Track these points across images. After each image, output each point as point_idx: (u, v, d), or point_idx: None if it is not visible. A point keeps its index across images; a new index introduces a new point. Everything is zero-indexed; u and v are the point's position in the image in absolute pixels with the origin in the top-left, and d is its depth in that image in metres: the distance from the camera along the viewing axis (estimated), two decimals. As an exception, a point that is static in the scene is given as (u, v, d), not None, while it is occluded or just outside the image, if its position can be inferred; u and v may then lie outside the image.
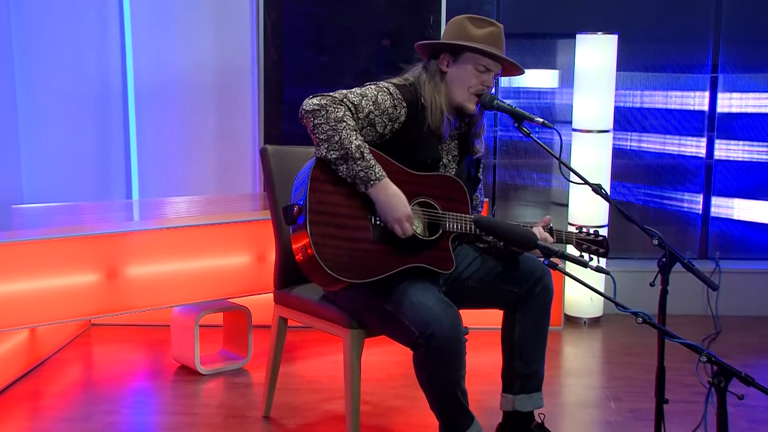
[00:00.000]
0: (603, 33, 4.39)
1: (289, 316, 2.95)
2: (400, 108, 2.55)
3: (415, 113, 2.57)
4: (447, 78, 2.63)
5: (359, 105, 2.47)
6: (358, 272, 2.44)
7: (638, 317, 2.02)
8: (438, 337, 2.35)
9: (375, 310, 2.54)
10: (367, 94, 2.51)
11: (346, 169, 2.42)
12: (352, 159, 2.40)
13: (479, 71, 2.61)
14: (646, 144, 5.03)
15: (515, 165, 5.09)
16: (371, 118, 2.50)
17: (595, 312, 4.58)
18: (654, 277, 2.28)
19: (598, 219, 4.49)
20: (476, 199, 2.84)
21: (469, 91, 2.62)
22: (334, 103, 2.43)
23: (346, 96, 2.47)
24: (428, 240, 2.55)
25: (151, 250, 3.53)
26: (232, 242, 3.72)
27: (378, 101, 2.51)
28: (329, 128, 2.40)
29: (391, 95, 2.54)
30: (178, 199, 4.47)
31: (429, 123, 2.59)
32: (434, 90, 2.61)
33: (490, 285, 2.71)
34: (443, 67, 2.63)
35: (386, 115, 2.52)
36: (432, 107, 2.59)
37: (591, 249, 2.74)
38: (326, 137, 2.41)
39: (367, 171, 2.42)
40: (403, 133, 2.56)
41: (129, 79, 4.73)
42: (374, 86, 2.56)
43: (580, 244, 2.74)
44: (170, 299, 3.59)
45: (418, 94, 2.60)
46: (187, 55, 4.76)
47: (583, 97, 4.47)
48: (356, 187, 2.45)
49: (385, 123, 2.53)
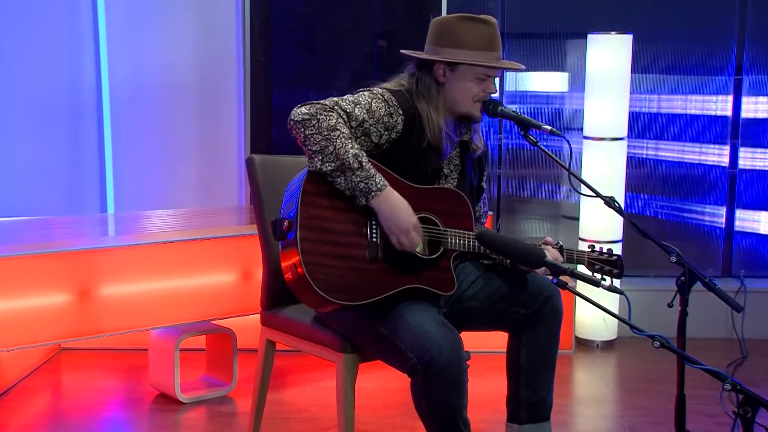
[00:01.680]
0: (616, 32, 4.40)
1: (277, 339, 2.94)
2: (396, 116, 2.55)
3: (412, 122, 2.57)
4: (446, 89, 2.63)
5: (352, 113, 2.47)
6: (352, 293, 2.43)
7: (655, 341, 2.02)
8: (437, 362, 2.35)
9: (370, 333, 2.53)
10: (360, 102, 2.51)
11: (344, 181, 2.42)
12: (350, 170, 2.40)
13: (480, 80, 2.62)
14: (664, 152, 5.04)
15: (521, 175, 5.09)
16: (365, 127, 2.50)
17: (608, 335, 4.58)
18: (672, 297, 2.28)
19: (612, 234, 4.49)
20: (479, 210, 2.84)
21: (473, 100, 2.63)
22: (325, 110, 2.43)
23: (338, 103, 2.47)
24: (428, 259, 2.54)
25: (127, 267, 3.52)
26: (215, 259, 3.71)
27: (372, 109, 2.51)
28: (322, 138, 2.40)
29: (386, 102, 2.54)
30: (158, 213, 4.47)
31: (428, 137, 2.59)
32: (430, 106, 2.61)
33: (495, 305, 2.71)
34: (439, 78, 2.63)
35: (381, 123, 2.52)
36: (430, 125, 2.59)
37: (604, 269, 2.73)
38: (319, 148, 2.41)
39: (368, 181, 2.42)
40: (400, 142, 2.56)
41: (103, 84, 4.73)
42: (368, 93, 2.56)
43: (592, 264, 2.74)
44: (148, 321, 3.58)
45: (414, 102, 2.60)
46: (166, 57, 4.78)
47: (594, 101, 4.48)
48: (355, 200, 2.44)
49: (381, 132, 2.53)
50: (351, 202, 2.45)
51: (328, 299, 2.39)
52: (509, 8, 4.97)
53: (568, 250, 2.72)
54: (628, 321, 2.08)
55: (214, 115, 4.86)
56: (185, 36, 4.79)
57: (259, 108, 4.94)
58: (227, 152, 4.90)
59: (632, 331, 2.08)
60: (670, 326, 2.32)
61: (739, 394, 1.92)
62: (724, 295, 2.38)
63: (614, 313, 2.16)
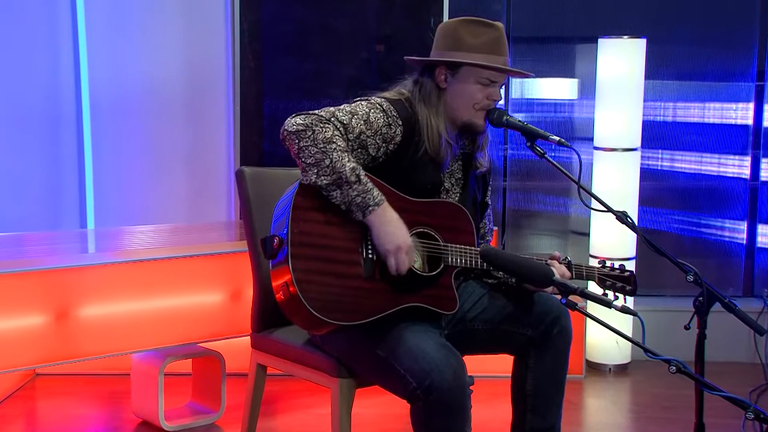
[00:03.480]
0: (629, 36, 4.42)
1: (268, 363, 2.94)
2: (396, 127, 2.56)
3: (412, 133, 2.59)
4: (447, 95, 2.65)
5: (349, 125, 2.49)
6: (347, 313, 2.44)
7: (672, 365, 2.02)
8: (438, 388, 2.35)
9: (367, 356, 2.53)
10: (357, 112, 2.52)
11: (340, 195, 2.43)
12: (347, 183, 2.41)
13: (483, 85, 2.62)
14: (680, 164, 5.05)
15: (528, 188, 5.10)
16: (363, 139, 2.51)
17: (621, 358, 4.58)
18: (690, 318, 2.28)
19: (624, 251, 4.50)
20: (484, 227, 2.85)
21: (475, 108, 2.64)
22: (321, 122, 2.44)
23: (334, 114, 2.48)
24: (428, 276, 2.55)
25: (108, 287, 3.52)
26: (203, 278, 3.71)
27: (370, 120, 2.52)
28: (317, 151, 2.41)
29: (385, 113, 2.56)
30: (141, 229, 4.47)
31: (427, 147, 2.60)
32: (430, 111, 2.62)
33: (500, 327, 2.71)
34: (441, 83, 2.65)
35: (380, 135, 2.53)
36: (429, 132, 2.60)
37: (616, 286, 2.74)
38: (314, 161, 2.42)
39: (365, 196, 2.43)
40: (398, 155, 2.58)
41: (83, 90, 4.74)
42: (365, 102, 2.57)
43: (603, 280, 2.74)
44: (130, 344, 3.57)
45: (415, 112, 2.61)
46: (151, 62, 4.79)
47: (606, 110, 4.50)
48: (351, 214, 2.45)
49: (379, 145, 2.54)
50: (345, 216, 2.46)
51: (322, 319, 2.40)
52: (515, 10, 4.99)
53: (577, 265, 2.72)
54: (643, 344, 2.08)
55: (202, 123, 4.87)
56: (171, 39, 4.80)
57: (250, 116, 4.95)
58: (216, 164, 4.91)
59: (647, 355, 2.09)
60: (688, 350, 2.32)
61: (763, 423, 1.92)
62: (745, 316, 2.39)
63: (627, 335, 2.16)
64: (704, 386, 2.01)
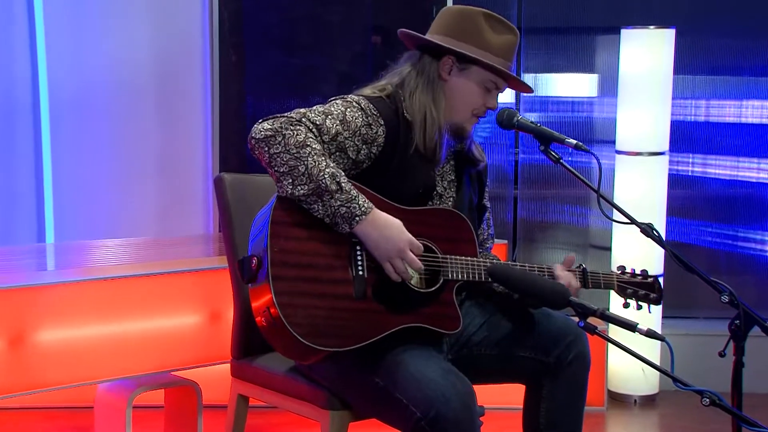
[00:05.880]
0: (656, 27, 4.43)
1: (250, 393, 2.95)
2: (377, 127, 2.56)
3: (396, 132, 2.59)
4: (446, 88, 2.66)
5: (323, 126, 2.49)
6: (338, 338, 2.43)
7: (705, 397, 2.02)
8: (445, 418, 2.34)
9: (362, 385, 2.53)
10: (331, 112, 2.52)
11: (321, 207, 2.43)
12: (328, 192, 2.41)
13: (486, 88, 2.64)
14: (714, 169, 5.06)
15: (542, 197, 5.10)
16: (340, 141, 2.51)
17: (648, 389, 4.58)
18: (725, 344, 2.28)
19: (650, 267, 4.41)
20: (483, 233, 2.85)
21: (471, 112, 2.66)
22: (291, 124, 2.44)
23: (305, 115, 2.49)
24: (426, 292, 2.55)
25: (69, 308, 3.52)
26: (177, 298, 3.72)
27: (347, 119, 2.52)
28: (290, 157, 2.41)
29: (364, 111, 2.56)
30: (107, 243, 4.47)
31: (418, 144, 2.60)
32: (432, 100, 2.63)
33: (509, 352, 2.71)
34: (444, 73, 2.66)
35: (358, 136, 2.53)
36: (427, 122, 2.61)
37: (639, 294, 2.75)
38: (288, 169, 2.42)
39: (349, 205, 2.43)
40: (384, 157, 2.58)
41: (41, 87, 4.74)
42: (340, 101, 2.58)
43: (623, 288, 2.75)
44: (94, 373, 3.57)
45: (399, 108, 2.62)
46: (118, 54, 4.79)
47: (629, 109, 4.51)
48: (337, 227, 2.45)
49: (359, 146, 2.54)
50: (330, 230, 2.46)
51: (311, 346, 2.40)
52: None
53: (593, 272, 2.73)
54: (671, 373, 2.08)
55: (176, 124, 4.88)
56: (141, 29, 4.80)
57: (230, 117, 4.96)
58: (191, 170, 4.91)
59: (676, 385, 2.08)
60: (723, 380, 2.33)
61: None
62: (786, 341, 2.40)
63: (654, 362, 2.16)
64: (742, 421, 2.01)
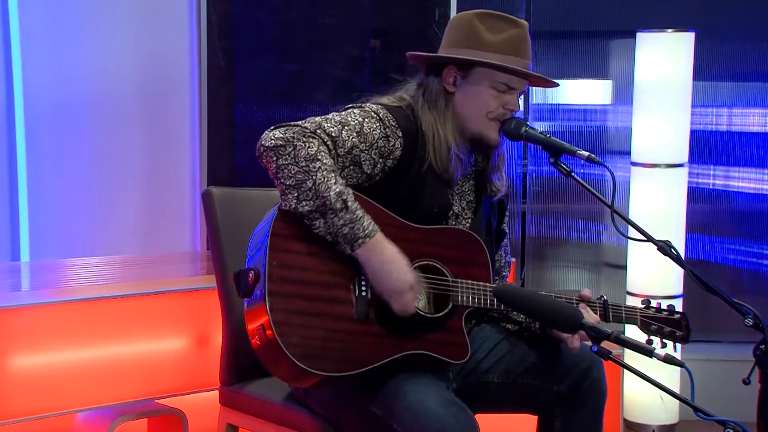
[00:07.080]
0: (674, 30, 4.43)
1: (240, 422, 2.94)
2: (395, 139, 2.56)
3: (414, 145, 2.59)
4: (455, 100, 2.65)
5: (339, 138, 2.49)
6: (336, 362, 2.43)
7: (728, 427, 2.02)
8: (445, 453, 2.35)
9: (359, 414, 2.53)
10: (348, 122, 2.53)
11: (323, 224, 2.43)
12: (332, 211, 2.42)
13: (499, 91, 2.63)
14: (737, 182, 5.06)
15: (552, 212, 5.11)
16: (355, 154, 2.51)
17: (667, 418, 4.57)
18: (750, 371, 2.28)
19: (669, 288, 4.49)
20: (500, 260, 2.85)
21: (488, 117, 2.64)
22: (305, 135, 2.45)
23: (320, 126, 2.49)
24: (433, 318, 2.55)
25: (45, 331, 3.51)
26: (161, 320, 3.71)
27: (364, 131, 2.53)
28: (298, 170, 2.42)
29: (382, 122, 2.56)
30: (86, 261, 4.47)
31: (432, 162, 2.60)
32: (437, 119, 2.63)
33: (520, 380, 2.71)
34: (448, 87, 2.65)
35: (375, 149, 2.54)
36: (435, 142, 2.61)
37: (664, 332, 2.74)
38: (295, 182, 2.42)
39: (353, 225, 2.43)
40: (398, 172, 2.58)
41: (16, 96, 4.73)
42: (358, 110, 2.58)
43: (647, 324, 2.74)
44: (73, 401, 3.56)
45: (418, 121, 2.62)
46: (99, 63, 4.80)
47: (646, 117, 4.51)
48: (338, 246, 2.46)
49: (375, 160, 2.54)
50: (333, 247, 2.46)
51: (306, 370, 2.39)
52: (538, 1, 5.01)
53: (615, 305, 2.71)
54: (692, 401, 2.08)
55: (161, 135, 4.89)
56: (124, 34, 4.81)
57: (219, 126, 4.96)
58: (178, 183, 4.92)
59: (697, 415, 2.08)
60: (747, 408, 2.32)
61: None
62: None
63: (674, 390, 2.15)
64: (767, 452, 2.01)
